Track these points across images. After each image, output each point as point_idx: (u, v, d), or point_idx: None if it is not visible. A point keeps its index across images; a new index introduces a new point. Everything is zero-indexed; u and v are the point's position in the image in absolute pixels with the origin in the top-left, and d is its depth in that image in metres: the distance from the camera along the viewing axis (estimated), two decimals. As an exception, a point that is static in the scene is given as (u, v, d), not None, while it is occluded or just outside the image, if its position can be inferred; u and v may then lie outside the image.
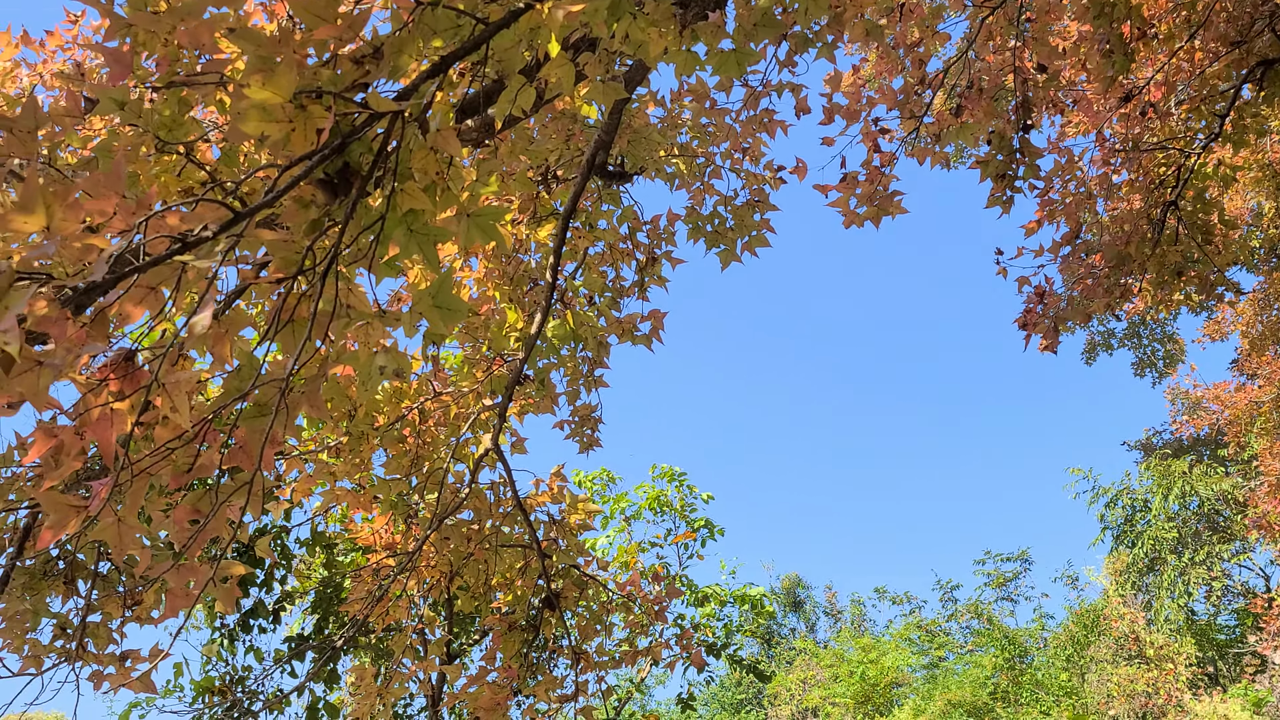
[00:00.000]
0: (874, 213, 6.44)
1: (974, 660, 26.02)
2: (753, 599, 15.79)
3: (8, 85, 5.93)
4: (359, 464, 6.40)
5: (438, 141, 2.51)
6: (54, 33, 6.13)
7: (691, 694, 13.15)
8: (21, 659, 4.37)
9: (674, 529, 14.96)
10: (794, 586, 40.98)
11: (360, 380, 2.34)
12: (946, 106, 7.24)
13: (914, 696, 26.03)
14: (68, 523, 1.75)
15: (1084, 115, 7.85)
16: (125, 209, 1.80)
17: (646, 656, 6.97)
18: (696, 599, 15.09)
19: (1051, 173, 7.59)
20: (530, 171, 6.52)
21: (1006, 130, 6.61)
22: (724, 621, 15.58)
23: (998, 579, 33.46)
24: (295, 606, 11.03)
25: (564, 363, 6.87)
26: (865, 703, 27.14)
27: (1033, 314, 7.76)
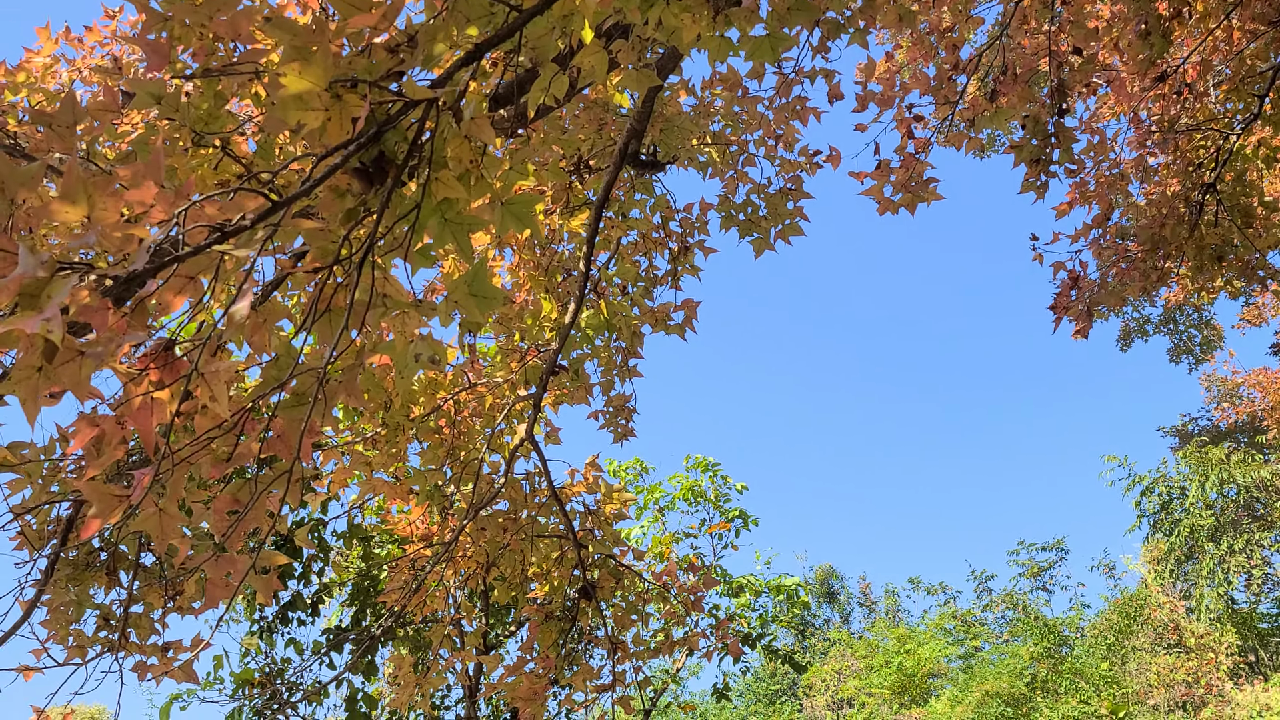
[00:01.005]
0: (908, 199, 6.39)
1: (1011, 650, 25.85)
2: (788, 589, 15.75)
3: (47, 81, 5.99)
4: (395, 455, 6.42)
5: (472, 130, 2.50)
6: (92, 28, 6.19)
7: (727, 684, 13.15)
8: (66, 649, 4.42)
9: (708, 519, 14.95)
10: (828, 577, 40.88)
11: (397, 369, 2.34)
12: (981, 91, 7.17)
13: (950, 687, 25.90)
14: (111, 513, 1.76)
15: (1119, 97, 7.75)
16: (164, 199, 1.80)
17: (683, 646, 6.96)
18: (731, 589, 15.07)
19: (1084, 154, 7.50)
20: (562, 161, 6.52)
21: (1041, 114, 6.54)
22: (759, 612, 15.55)
23: (1033, 568, 33.24)
24: (333, 599, 11.11)
25: (598, 353, 6.87)
26: (901, 693, 27.03)
27: (1065, 298, 7.68)
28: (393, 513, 7.91)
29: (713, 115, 6.64)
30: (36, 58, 6.10)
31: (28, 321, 1.40)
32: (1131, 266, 7.62)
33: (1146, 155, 7.75)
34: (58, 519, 4.43)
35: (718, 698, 13.28)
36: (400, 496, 6.63)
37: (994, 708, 22.65)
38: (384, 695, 11.22)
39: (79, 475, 4.30)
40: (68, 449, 4.39)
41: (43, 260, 1.50)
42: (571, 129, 6.22)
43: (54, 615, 4.47)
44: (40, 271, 1.52)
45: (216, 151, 4.01)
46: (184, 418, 1.85)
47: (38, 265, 1.50)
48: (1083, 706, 21.41)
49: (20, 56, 6.07)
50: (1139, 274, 7.63)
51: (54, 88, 6.14)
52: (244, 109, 5.48)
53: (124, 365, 1.80)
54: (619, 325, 6.71)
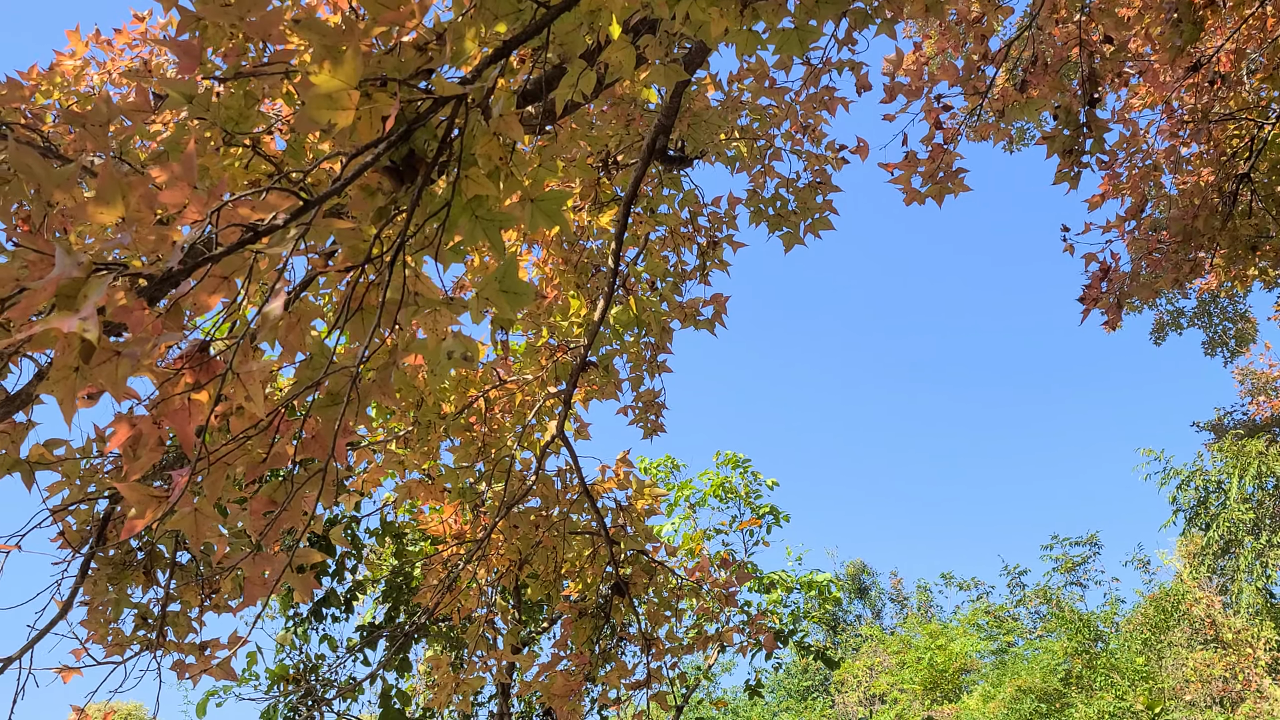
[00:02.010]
0: (936, 190, 6.35)
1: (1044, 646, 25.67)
2: (819, 585, 15.70)
3: (78, 84, 6.04)
4: (427, 453, 6.45)
5: (501, 127, 2.50)
6: (121, 31, 6.23)
7: (759, 680, 13.13)
8: (105, 648, 4.46)
9: (739, 515, 14.92)
10: (859, 573, 40.75)
11: (429, 367, 2.34)
12: (1010, 82, 7.11)
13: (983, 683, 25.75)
14: (149, 513, 1.77)
15: (1151, 87, 7.66)
16: (198, 200, 1.81)
17: (716, 642, 6.95)
18: (762, 585, 15.04)
19: (1116, 146, 7.43)
20: (590, 157, 6.52)
21: (1072, 105, 6.47)
22: (790, 608, 15.52)
23: (1066, 563, 32.98)
24: (366, 596, 11.17)
25: (627, 348, 6.86)
26: (933, 689, 26.90)
27: (1095, 290, 7.61)
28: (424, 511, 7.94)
29: (740, 109, 6.62)
30: (67, 61, 6.16)
31: (65, 321, 1.41)
32: (1163, 258, 7.54)
33: (1179, 145, 7.66)
34: (95, 518, 4.47)
35: (750, 694, 13.26)
36: (434, 495, 6.66)
37: (1027, 704, 22.51)
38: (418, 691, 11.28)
39: (116, 475, 4.34)
40: (105, 449, 4.43)
41: (79, 261, 1.51)
42: (599, 125, 6.22)
43: (93, 614, 4.51)
44: (77, 272, 1.53)
45: (247, 150, 4.03)
46: (220, 418, 1.86)
47: (74, 265, 1.51)
48: (1118, 702, 21.24)
49: (51, 60, 6.13)
50: (1171, 266, 7.55)
51: (84, 90, 6.19)
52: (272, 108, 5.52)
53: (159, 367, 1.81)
54: (648, 321, 6.70)
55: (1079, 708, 21.60)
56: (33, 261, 1.68)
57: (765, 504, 15.09)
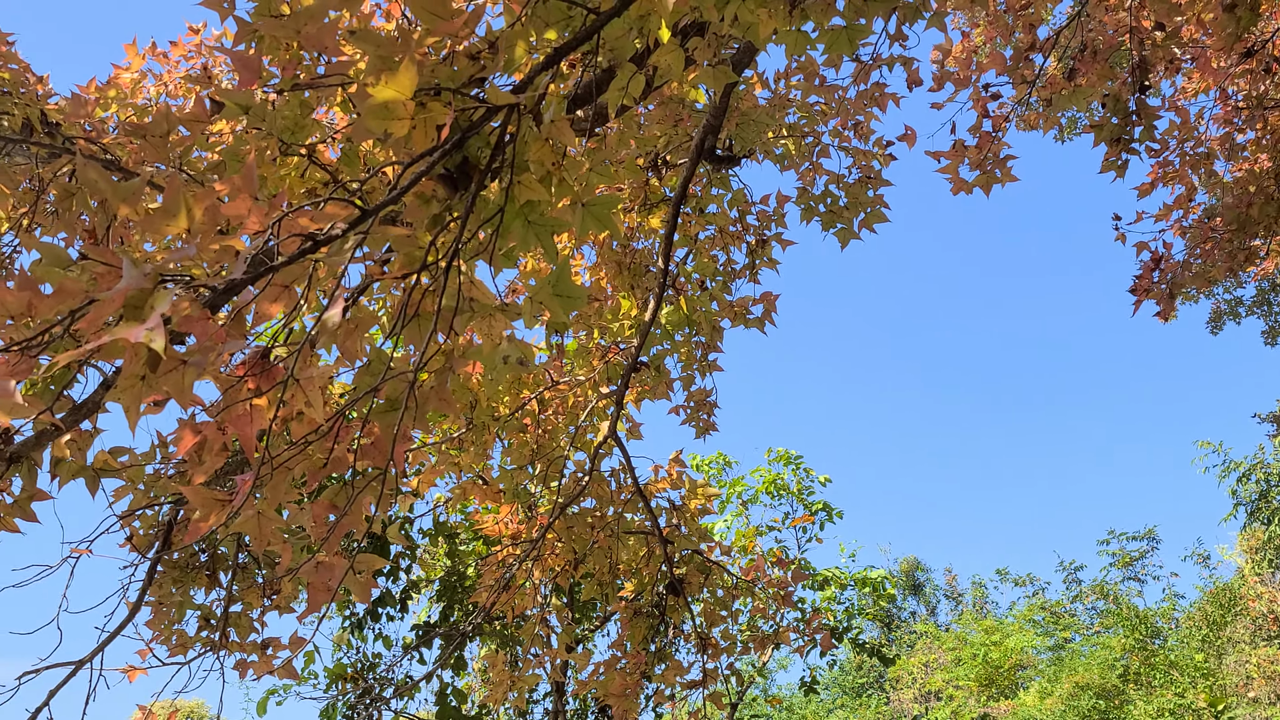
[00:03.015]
0: (984, 180, 6.30)
1: (1102, 642, 25.36)
2: (874, 582, 15.61)
3: (135, 96, 6.15)
4: (480, 454, 6.50)
5: (552, 132, 2.52)
6: (177, 43, 6.34)
7: (814, 678, 13.09)
8: (170, 649, 4.55)
9: (791, 512, 14.88)
10: (913, 569, 40.49)
11: (485, 371, 2.37)
12: (1059, 69, 7.03)
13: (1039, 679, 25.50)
14: (213, 516, 1.81)
15: (1204, 74, 7.54)
16: (259, 211, 1.85)
17: (771, 641, 6.95)
18: (816, 582, 14.99)
19: (1167, 133, 7.32)
20: (639, 159, 6.53)
21: (1122, 92, 6.39)
22: (844, 605, 15.45)
23: (1123, 558, 32.55)
24: (421, 595, 11.27)
25: (677, 348, 6.87)
26: (989, 685, 26.67)
27: (1147, 280, 7.50)
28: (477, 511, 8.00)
29: (788, 107, 6.60)
30: (125, 74, 6.27)
31: (132, 331, 1.45)
32: (1217, 246, 7.42)
33: (1234, 132, 7.53)
34: (160, 523, 4.56)
35: (806, 691, 13.23)
36: (489, 497, 6.71)
37: (1085, 700, 22.25)
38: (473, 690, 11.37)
39: (179, 480, 4.42)
40: (168, 455, 4.52)
41: (146, 272, 1.55)
42: (647, 126, 6.23)
43: (158, 616, 4.60)
44: (144, 283, 1.57)
45: (303, 160, 4.09)
46: (281, 424, 1.89)
47: (141, 277, 1.55)
48: (1178, 699, 20.93)
49: (108, 73, 6.25)
50: (1225, 254, 7.43)
51: (141, 102, 6.30)
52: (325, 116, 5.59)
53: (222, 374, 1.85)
54: (699, 320, 6.71)
55: (1138, 705, 21.31)
56: (100, 273, 1.73)
57: (818, 501, 15.04)
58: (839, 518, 15.09)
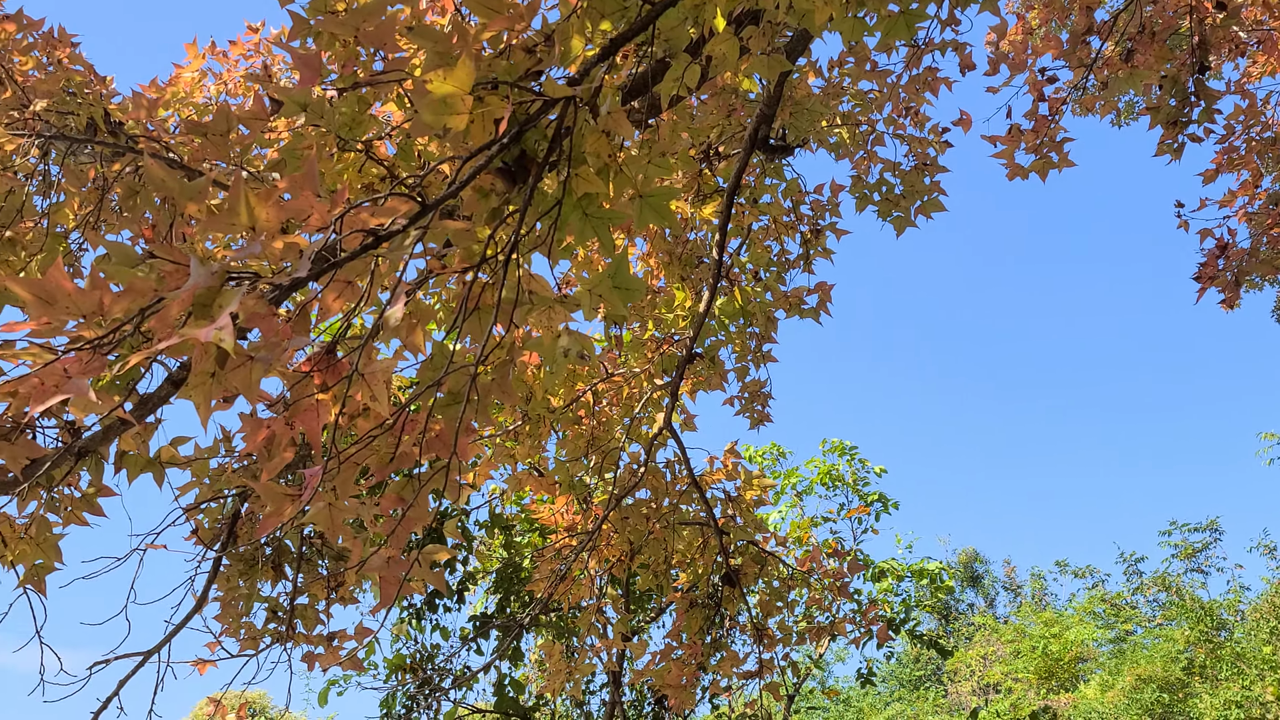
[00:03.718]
0: (1040, 165, 6.21)
1: (1164, 634, 24.96)
2: (931, 574, 15.48)
3: (195, 95, 6.24)
4: (536, 446, 6.53)
5: (609, 124, 2.52)
6: (236, 42, 6.41)
7: (871, 670, 13.02)
8: (238, 641, 4.62)
9: (846, 503, 14.80)
10: (971, 561, 40.15)
11: (545, 364, 2.38)
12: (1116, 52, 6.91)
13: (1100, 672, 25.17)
14: (284, 511, 1.84)
15: (1270, 56, 7.37)
16: (320, 207, 1.87)
17: (828, 632, 6.93)
18: (873, 574, 14.90)
19: (1232, 118, 7.16)
20: (692, 150, 6.51)
21: (1181, 74, 6.27)
22: (902, 597, 15.34)
23: (1186, 550, 32.00)
24: (478, 586, 11.36)
25: (732, 339, 6.85)
26: (1049, 678, 26.38)
27: (1211, 268, 7.36)
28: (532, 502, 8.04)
29: (841, 95, 6.56)
30: (185, 73, 6.36)
31: (202, 331, 1.47)
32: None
33: (1303, 115, 7.35)
34: (226, 516, 4.63)
35: (863, 683, 13.16)
36: (544, 488, 6.74)
37: (1148, 693, 21.92)
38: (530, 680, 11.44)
39: (244, 474, 4.49)
40: (231, 447, 4.58)
41: (213, 270, 1.57)
42: (700, 117, 6.21)
43: (225, 609, 4.67)
44: (211, 281, 1.59)
45: (359, 155, 4.12)
46: (347, 419, 1.91)
47: (208, 275, 1.57)
48: (1245, 692, 20.56)
49: (169, 73, 6.34)
50: (1295, 242, 7.26)
51: (201, 101, 6.39)
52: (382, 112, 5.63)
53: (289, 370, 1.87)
54: (753, 311, 6.68)
55: (1203, 698, 20.97)
56: (168, 271, 1.75)
57: (873, 491, 14.94)
58: (895, 509, 14.99)
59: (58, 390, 1.55)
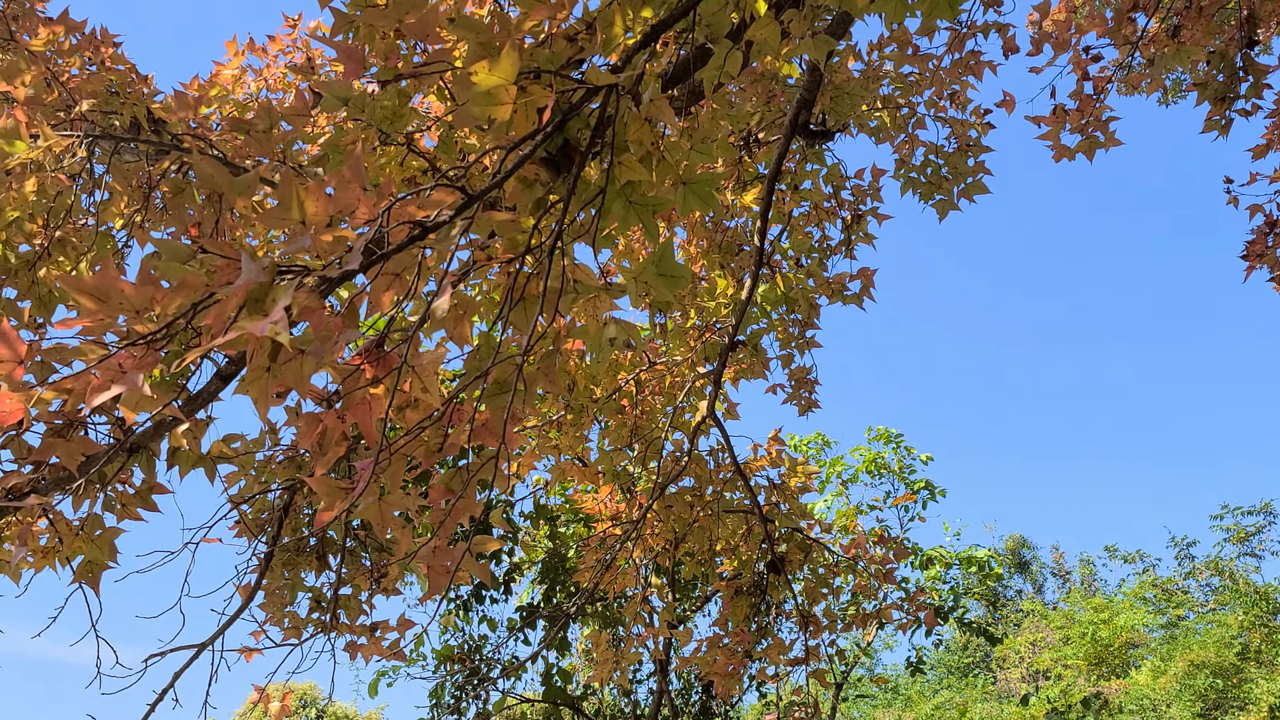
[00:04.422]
0: (1086, 145, 6.12)
1: (1218, 619, 24.64)
2: (979, 561, 15.38)
3: (236, 91, 6.28)
4: (579, 436, 6.54)
5: (651, 111, 2.51)
6: (275, 38, 6.45)
7: (920, 657, 12.96)
8: (283, 631, 4.67)
9: (893, 491, 14.73)
10: (1019, 547, 39.84)
11: (590, 353, 2.38)
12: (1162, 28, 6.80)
13: (1152, 658, 24.90)
14: (338, 505, 1.84)
15: (1322, 29, 7.22)
16: (367, 201, 1.87)
17: (874, 619, 6.90)
18: (921, 562, 14.82)
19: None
20: (731, 136, 6.48)
21: (1229, 49, 6.16)
22: (950, 584, 15.24)
23: (1239, 534, 31.55)
24: (523, 577, 11.41)
25: (774, 326, 6.82)
26: (1099, 664, 26.14)
27: (1260, 245, 7.22)
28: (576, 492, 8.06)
29: (882, 78, 6.50)
30: (225, 70, 6.40)
31: (256, 325, 1.47)
32: (1339, 211, 7.11)
33: (1356, 89, 7.20)
34: (273, 508, 4.67)
35: (912, 671, 13.10)
36: (588, 478, 6.75)
37: (1201, 679, 21.66)
38: (577, 669, 11.48)
39: (288, 467, 4.53)
40: (277, 440, 4.62)
41: (264, 265, 1.57)
42: (739, 103, 6.18)
43: (270, 599, 4.71)
44: (262, 276, 1.60)
45: (401, 149, 4.14)
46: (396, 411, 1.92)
47: (260, 270, 1.58)
48: (1302, 678, 20.27)
49: (209, 70, 6.39)
50: (1349, 220, 7.11)
51: (242, 97, 6.43)
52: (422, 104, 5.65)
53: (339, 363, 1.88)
54: (796, 298, 6.65)
55: (1259, 683, 20.69)
56: (218, 267, 1.76)
57: (920, 479, 14.85)
58: (942, 496, 14.89)
59: (112, 386, 1.57)
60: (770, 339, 6.81)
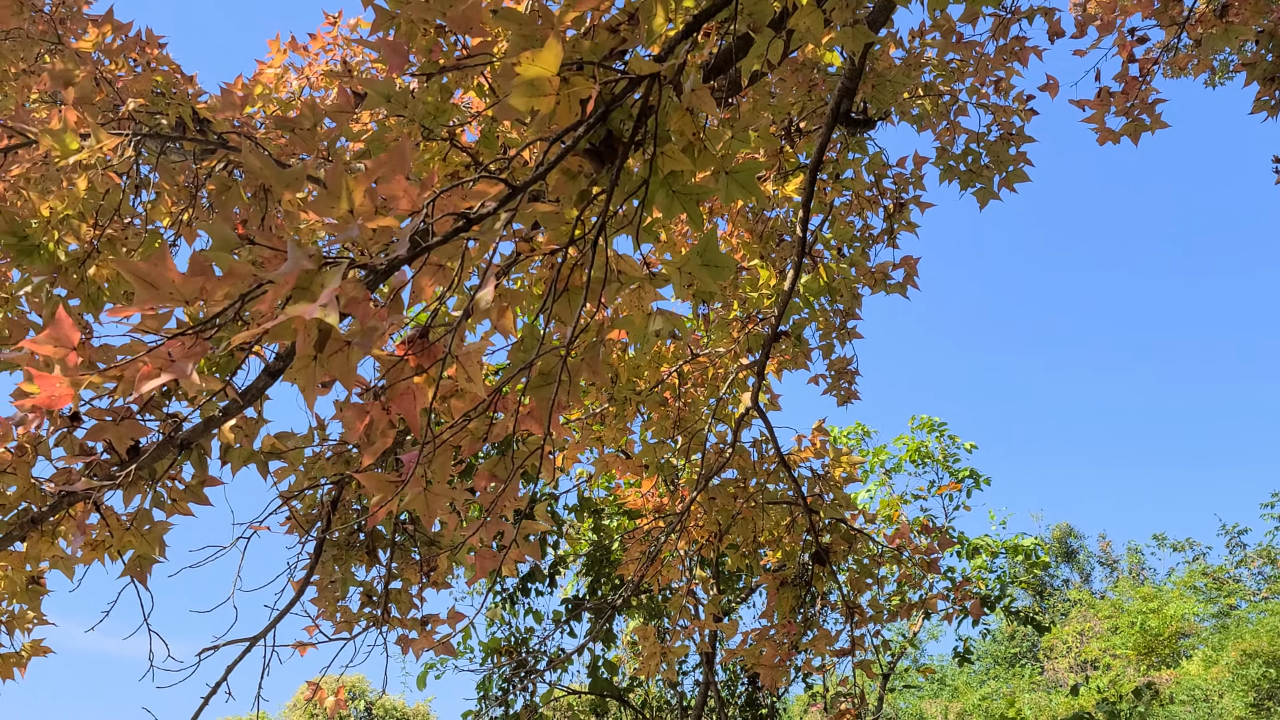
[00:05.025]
0: (1132, 128, 6.04)
1: (1271, 608, 24.29)
2: (1026, 550, 15.25)
3: (279, 90, 6.34)
4: (622, 429, 6.55)
5: (693, 101, 2.51)
6: (316, 36, 6.51)
7: (968, 647, 12.89)
8: (335, 624, 4.71)
9: (937, 480, 14.63)
10: (1065, 536, 39.47)
11: (634, 344, 2.38)
12: (1210, 8, 6.69)
13: (1203, 647, 24.60)
14: (390, 498, 1.86)
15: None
16: (411, 191, 1.88)
17: (919, 609, 6.87)
18: (966, 551, 14.72)
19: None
20: (773, 127, 6.46)
21: (1277, 28, 6.06)
22: (996, 573, 15.13)
23: (1290, 522, 31.06)
24: (568, 570, 11.45)
25: (815, 316, 6.80)
26: (1148, 654, 25.87)
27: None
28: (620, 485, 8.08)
29: (924, 65, 6.45)
30: (268, 69, 6.47)
31: (305, 309, 1.49)
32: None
33: None
34: (321, 502, 4.72)
35: (959, 661, 13.03)
36: (632, 471, 6.76)
37: (1254, 668, 21.36)
38: (623, 661, 11.51)
39: (337, 461, 4.57)
40: (325, 436, 4.67)
41: (310, 253, 1.59)
42: (780, 93, 6.15)
43: (322, 593, 4.76)
44: (308, 264, 1.62)
45: (443, 144, 4.16)
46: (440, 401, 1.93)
47: (306, 258, 1.59)
48: (1359, 667, 19.95)
49: (252, 69, 6.46)
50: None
51: (285, 95, 6.49)
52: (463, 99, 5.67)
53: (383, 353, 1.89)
54: (838, 288, 6.62)
55: (1314, 673, 20.39)
56: (266, 257, 1.78)
57: (964, 468, 14.74)
58: (987, 484, 14.78)
59: (163, 373, 1.59)
60: (811, 329, 6.79)
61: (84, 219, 4.62)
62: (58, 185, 4.23)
